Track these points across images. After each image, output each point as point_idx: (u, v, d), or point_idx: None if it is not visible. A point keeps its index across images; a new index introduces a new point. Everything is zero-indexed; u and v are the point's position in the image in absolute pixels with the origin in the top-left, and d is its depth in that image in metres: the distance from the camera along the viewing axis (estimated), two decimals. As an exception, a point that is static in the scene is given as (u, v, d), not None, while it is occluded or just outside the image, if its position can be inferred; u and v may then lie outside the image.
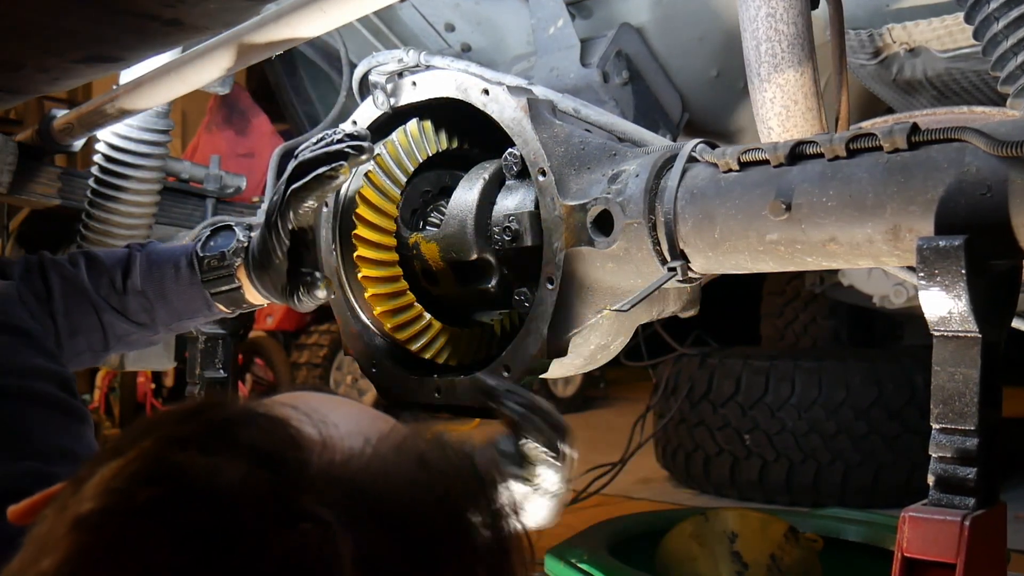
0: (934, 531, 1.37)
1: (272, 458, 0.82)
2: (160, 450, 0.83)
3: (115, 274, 2.09)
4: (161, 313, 2.12)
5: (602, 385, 12.21)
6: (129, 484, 0.80)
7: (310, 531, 0.77)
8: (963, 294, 1.40)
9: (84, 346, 2.07)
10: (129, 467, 0.82)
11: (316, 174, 1.96)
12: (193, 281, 2.11)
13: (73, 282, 2.04)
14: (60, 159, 3.62)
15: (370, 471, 0.84)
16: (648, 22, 2.59)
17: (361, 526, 0.79)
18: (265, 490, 0.79)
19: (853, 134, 1.62)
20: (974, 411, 1.41)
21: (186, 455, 0.81)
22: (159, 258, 2.13)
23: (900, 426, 5.99)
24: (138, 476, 0.81)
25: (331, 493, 0.80)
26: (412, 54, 2.25)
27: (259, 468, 0.80)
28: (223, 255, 2.10)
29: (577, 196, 1.96)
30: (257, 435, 0.84)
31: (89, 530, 0.79)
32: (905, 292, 5.77)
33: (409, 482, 0.85)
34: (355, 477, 0.83)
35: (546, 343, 2.01)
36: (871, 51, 2.37)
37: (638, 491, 6.58)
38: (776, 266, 1.79)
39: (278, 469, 0.81)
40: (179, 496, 0.78)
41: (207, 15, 2.00)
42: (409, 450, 0.89)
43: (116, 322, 2.09)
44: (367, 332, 2.34)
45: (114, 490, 0.80)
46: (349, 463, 0.84)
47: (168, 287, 2.11)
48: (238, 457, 0.81)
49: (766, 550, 3.58)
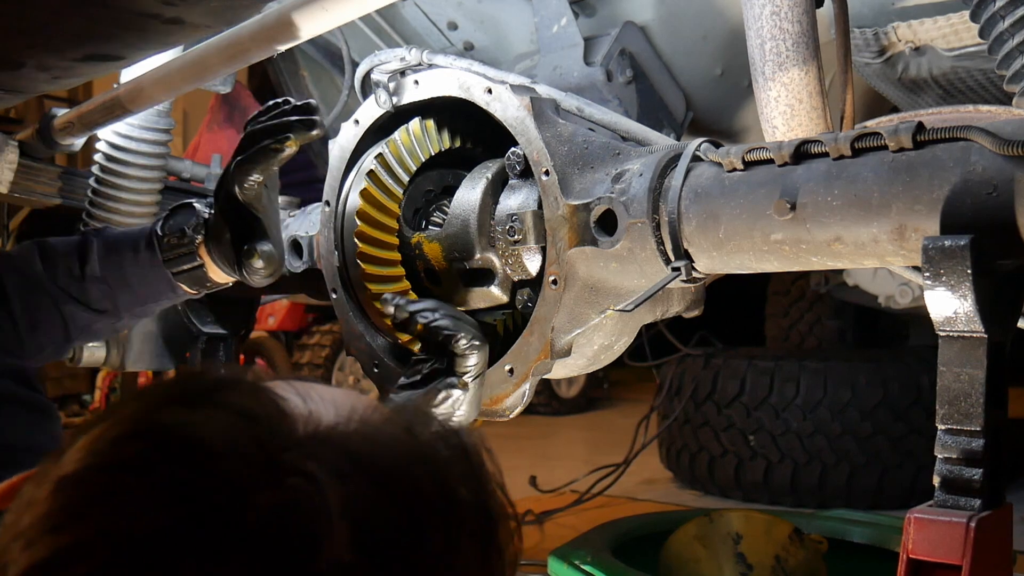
0: (940, 532, 1.36)
1: (257, 417, 0.81)
2: (144, 409, 0.83)
3: (71, 262, 2.05)
4: (123, 298, 2.09)
5: (606, 386, 12.21)
6: (113, 442, 0.80)
7: (298, 485, 0.77)
8: (969, 294, 1.40)
9: (46, 340, 2.03)
10: (113, 428, 0.81)
11: (260, 146, 1.95)
12: (154, 262, 2.07)
13: (28, 276, 2.00)
14: (61, 158, 3.60)
15: (357, 434, 0.84)
16: (652, 20, 2.58)
17: (349, 481, 0.79)
18: (251, 444, 0.78)
19: (858, 133, 1.61)
20: (980, 412, 1.40)
21: (170, 411, 0.81)
22: (117, 242, 2.09)
23: (906, 427, 5.99)
24: (122, 434, 0.80)
25: (319, 450, 0.80)
26: (415, 52, 2.24)
27: (245, 423, 0.80)
28: (183, 232, 2.06)
29: (581, 195, 1.96)
30: (243, 397, 0.83)
31: (72, 486, 0.78)
32: (911, 292, 5.76)
33: (396, 445, 0.85)
34: (343, 437, 0.83)
35: (549, 343, 2.00)
36: (876, 49, 2.36)
37: (642, 492, 6.58)
38: (781, 266, 1.79)
39: (265, 426, 0.80)
40: (164, 449, 0.78)
41: (208, 13, 1.99)
42: (396, 420, 0.89)
43: (77, 312, 2.06)
44: (369, 332, 2.33)
45: (97, 450, 0.80)
46: (336, 427, 0.84)
47: (128, 271, 2.07)
48: (223, 413, 0.81)
49: (771, 551, 3.58)
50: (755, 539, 3.61)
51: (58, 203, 3.28)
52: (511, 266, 2.11)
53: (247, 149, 1.98)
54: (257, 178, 1.97)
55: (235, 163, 1.97)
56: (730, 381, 6.35)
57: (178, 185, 3.46)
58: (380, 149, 2.24)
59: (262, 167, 1.96)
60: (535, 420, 10.27)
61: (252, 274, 2.05)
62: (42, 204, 3.30)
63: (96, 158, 3.14)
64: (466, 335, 1.91)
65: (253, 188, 1.98)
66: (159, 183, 3.21)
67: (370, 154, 2.28)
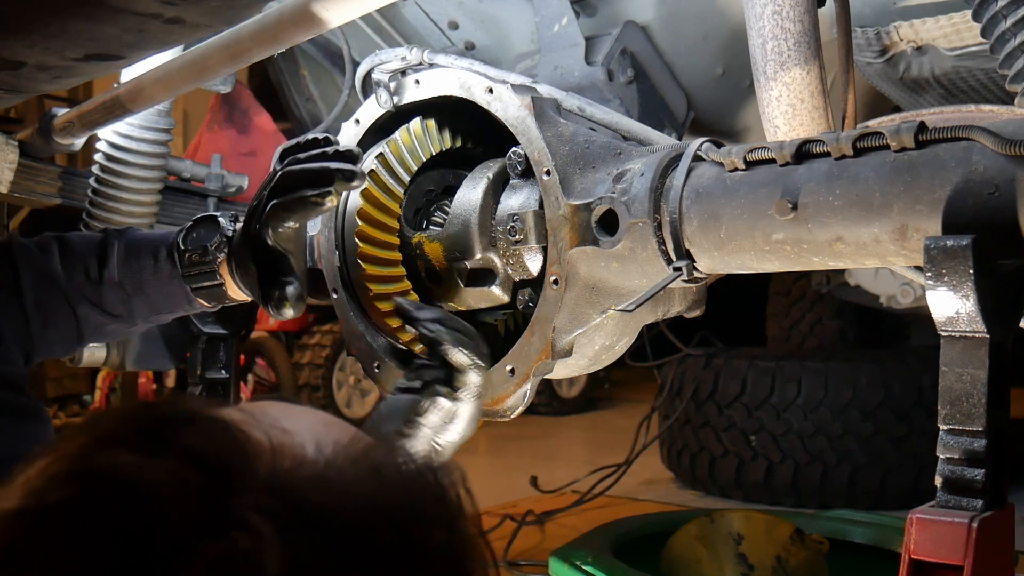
0: (942, 533, 1.36)
1: (207, 461, 0.76)
2: (84, 448, 0.78)
3: (90, 263, 2.01)
4: (139, 305, 2.05)
5: (607, 386, 12.20)
6: (46, 483, 0.76)
7: (238, 540, 0.72)
8: (971, 294, 1.39)
9: (57, 338, 2.00)
10: (51, 466, 0.77)
11: (299, 196, 1.88)
12: (173, 275, 2.03)
13: (45, 272, 1.97)
14: (61, 158, 3.60)
15: (318, 480, 0.79)
16: (653, 20, 2.58)
17: (298, 537, 0.74)
18: (192, 493, 0.73)
19: (860, 133, 1.61)
20: (982, 412, 1.40)
21: (109, 453, 0.76)
22: (138, 248, 2.05)
23: (907, 427, 5.99)
24: (57, 475, 0.76)
25: (269, 501, 0.75)
26: (415, 52, 2.23)
27: (189, 469, 0.75)
28: (205, 250, 2.02)
29: (582, 195, 1.95)
30: (195, 437, 0.78)
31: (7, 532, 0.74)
32: (912, 292, 5.75)
33: (359, 494, 0.79)
34: (300, 485, 0.77)
35: (550, 343, 2.00)
36: (878, 49, 2.36)
37: (643, 492, 6.58)
38: (782, 266, 1.79)
39: (212, 472, 0.75)
40: (96, 495, 0.73)
41: (208, 13, 1.98)
42: (365, 460, 0.83)
43: (91, 313, 2.02)
44: (370, 332, 2.32)
45: (32, 490, 0.76)
46: (296, 471, 0.78)
47: (146, 279, 2.03)
48: (167, 457, 0.75)
49: (772, 552, 3.58)
50: (756, 539, 3.61)
51: (58, 203, 3.28)
52: (512, 266, 2.11)
53: (283, 192, 1.90)
54: (292, 226, 1.92)
55: (270, 206, 1.90)
56: (731, 381, 6.35)
57: (178, 185, 3.46)
58: (381, 149, 2.23)
59: (299, 216, 1.91)
60: (536, 420, 10.27)
61: (277, 312, 1.98)
62: (42, 204, 3.29)
63: (96, 158, 3.14)
64: (468, 353, 1.90)
65: (287, 235, 1.93)
66: (159, 183, 3.21)
67: (371, 154, 2.27)
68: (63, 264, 2.00)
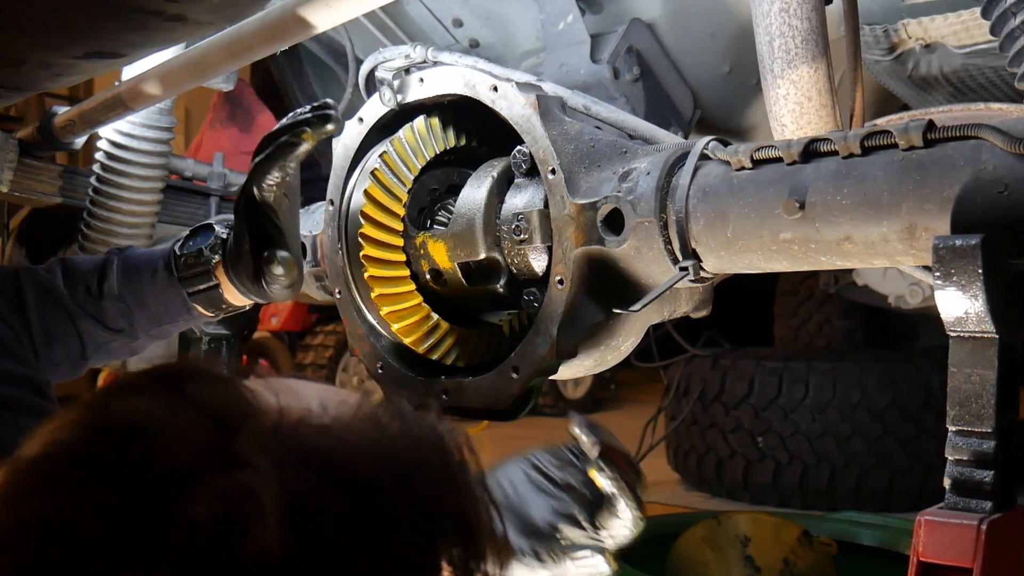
0: (950, 535, 1.35)
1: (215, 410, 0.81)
2: (101, 397, 0.84)
3: (91, 279, 2.03)
4: (140, 318, 2.06)
5: (613, 387, 12.20)
6: (62, 428, 0.81)
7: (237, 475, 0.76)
8: (980, 294, 1.39)
9: (62, 356, 2.01)
10: (69, 414, 0.82)
11: (278, 143, 1.91)
12: (171, 283, 2.05)
13: (48, 290, 1.99)
14: (61, 157, 3.60)
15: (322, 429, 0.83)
16: (659, 17, 2.57)
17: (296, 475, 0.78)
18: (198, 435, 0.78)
19: (868, 131, 1.60)
20: (991, 413, 1.39)
21: (122, 399, 0.82)
22: (137, 262, 2.07)
23: (916, 428, 5.96)
24: (71, 421, 0.81)
25: (272, 443, 0.79)
26: (419, 50, 2.23)
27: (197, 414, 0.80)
28: (200, 252, 2.04)
29: (587, 194, 1.94)
30: (206, 391, 0.83)
31: (21, 473, 0.79)
32: (921, 292, 5.74)
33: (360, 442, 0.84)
34: (303, 432, 0.82)
35: (556, 344, 1.99)
36: (886, 47, 2.35)
37: (649, 494, 6.54)
38: (790, 265, 1.78)
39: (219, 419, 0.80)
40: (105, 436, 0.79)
41: (210, 11, 1.98)
42: (370, 415, 0.87)
43: (94, 330, 2.04)
44: (373, 333, 2.32)
45: (49, 438, 0.81)
46: (302, 422, 0.83)
47: (146, 290, 2.05)
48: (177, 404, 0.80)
49: (779, 554, 3.57)
50: (763, 542, 3.60)
51: (59, 202, 3.28)
52: (517, 266, 2.10)
53: (264, 149, 1.94)
54: (277, 176, 1.93)
55: (253, 164, 1.94)
56: (738, 382, 6.33)
57: (180, 184, 3.46)
58: (384, 147, 2.22)
59: (280, 163, 1.92)
60: (541, 421, 10.22)
61: (272, 283, 1.98)
62: (42, 203, 3.30)
63: (97, 156, 3.15)
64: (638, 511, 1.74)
65: (273, 190, 1.94)
66: (161, 182, 3.21)
67: (374, 152, 2.27)
68: (66, 282, 2.02)
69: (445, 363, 2.22)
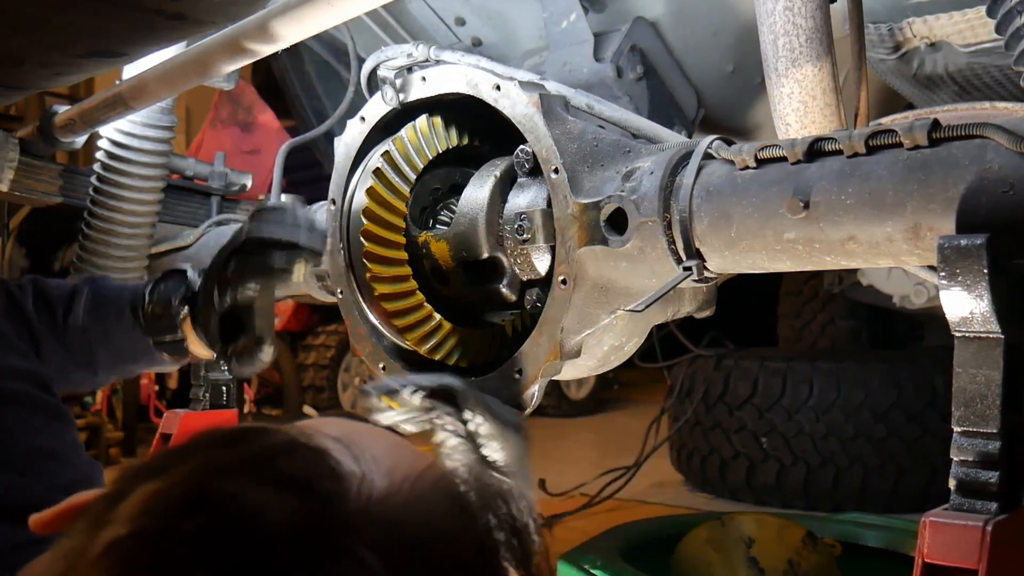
0: (955, 536, 1.34)
1: (316, 492, 0.79)
2: (204, 476, 0.79)
3: (58, 307, 2.01)
4: (102, 355, 2.04)
5: (616, 387, 12.21)
6: (170, 509, 0.77)
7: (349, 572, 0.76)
8: (985, 294, 1.38)
9: None
10: (170, 490, 0.78)
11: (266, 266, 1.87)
12: (135, 327, 2.02)
13: (16, 307, 1.96)
14: (62, 156, 3.60)
15: (409, 511, 0.82)
16: (663, 16, 2.57)
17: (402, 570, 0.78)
18: (310, 527, 0.76)
19: (872, 130, 1.59)
20: (996, 414, 1.38)
21: (233, 482, 0.78)
22: (104, 297, 2.04)
23: (920, 429, 5.95)
24: (180, 502, 0.77)
25: (371, 533, 0.78)
26: (421, 49, 2.22)
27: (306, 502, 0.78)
28: (168, 304, 2.00)
29: (590, 194, 1.94)
30: (301, 466, 0.81)
31: (125, 557, 0.75)
32: (926, 292, 5.73)
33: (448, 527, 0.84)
34: (395, 517, 0.81)
35: (559, 344, 1.98)
36: (891, 45, 2.35)
37: (652, 495, 6.56)
38: (794, 265, 1.77)
39: (322, 504, 0.78)
40: (225, 527, 0.75)
41: (212, 9, 1.98)
42: (446, 490, 0.87)
43: (56, 354, 2.00)
44: (375, 333, 2.31)
45: (153, 514, 0.77)
46: (387, 500, 0.82)
47: (111, 329, 2.02)
48: (285, 490, 0.78)
49: (783, 556, 3.56)
50: (768, 543, 3.59)
51: (59, 202, 3.28)
52: (520, 265, 2.09)
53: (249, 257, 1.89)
54: (255, 288, 1.89)
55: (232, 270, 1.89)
56: (742, 382, 6.32)
57: (181, 183, 3.46)
58: (387, 147, 2.22)
59: (263, 283, 1.89)
60: (544, 422, 10.27)
61: (238, 370, 1.98)
62: (43, 203, 3.29)
63: (98, 156, 3.13)
64: None
65: (248, 295, 1.90)
66: (161, 181, 3.20)
67: (376, 152, 2.26)
68: (35, 304, 1.99)
69: (448, 363, 2.22)
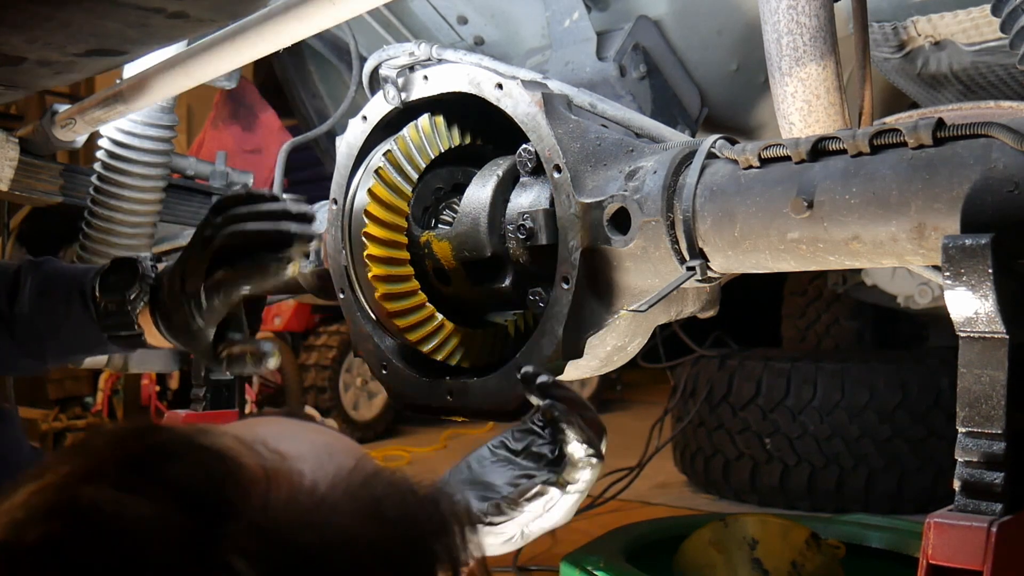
0: (960, 537, 1.34)
1: (195, 499, 0.74)
2: (70, 481, 0.76)
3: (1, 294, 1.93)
4: (51, 344, 1.96)
5: (619, 388, 12.18)
6: (28, 516, 0.74)
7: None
8: (990, 294, 1.38)
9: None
10: (35, 497, 0.75)
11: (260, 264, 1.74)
12: (87, 317, 1.92)
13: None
14: (62, 155, 3.59)
15: (310, 518, 0.76)
16: (666, 15, 2.56)
17: None
18: (175, 535, 0.71)
19: (877, 130, 1.59)
20: (1001, 414, 1.38)
21: (95, 489, 0.74)
22: (52, 286, 1.95)
23: (925, 430, 5.94)
24: (39, 508, 0.74)
25: (256, 544, 0.72)
26: (424, 47, 2.22)
27: (175, 510, 0.72)
28: (123, 299, 1.89)
29: (593, 193, 1.94)
30: (186, 470, 0.76)
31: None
32: (930, 292, 5.73)
33: (353, 536, 0.77)
34: (291, 525, 0.75)
35: (561, 344, 1.98)
36: (895, 44, 2.34)
37: (656, 496, 6.55)
38: (798, 265, 1.77)
39: (199, 512, 0.73)
40: (79, 534, 0.71)
41: (213, 8, 1.97)
42: (364, 496, 0.81)
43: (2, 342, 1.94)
44: (377, 333, 2.30)
45: (14, 522, 0.74)
46: (288, 507, 0.76)
47: (60, 321, 1.93)
48: (155, 495, 0.73)
49: (787, 557, 3.55)
50: (771, 544, 3.58)
51: (59, 201, 3.28)
52: (522, 265, 2.08)
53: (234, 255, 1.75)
54: (245, 292, 1.76)
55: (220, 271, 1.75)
56: (746, 383, 6.31)
57: (182, 183, 3.45)
58: (389, 146, 2.21)
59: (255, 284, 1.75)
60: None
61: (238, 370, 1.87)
62: (43, 202, 3.29)
63: (98, 155, 3.13)
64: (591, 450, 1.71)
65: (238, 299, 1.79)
66: (162, 181, 3.20)
67: (378, 151, 2.26)
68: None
69: (450, 364, 2.21)
